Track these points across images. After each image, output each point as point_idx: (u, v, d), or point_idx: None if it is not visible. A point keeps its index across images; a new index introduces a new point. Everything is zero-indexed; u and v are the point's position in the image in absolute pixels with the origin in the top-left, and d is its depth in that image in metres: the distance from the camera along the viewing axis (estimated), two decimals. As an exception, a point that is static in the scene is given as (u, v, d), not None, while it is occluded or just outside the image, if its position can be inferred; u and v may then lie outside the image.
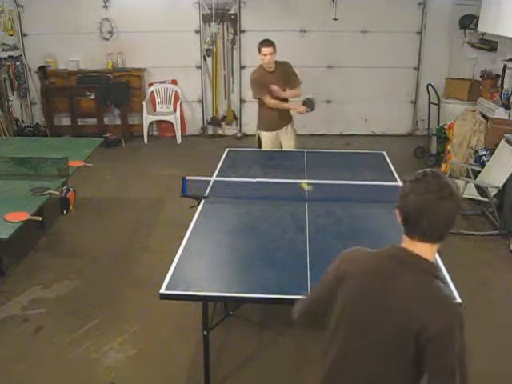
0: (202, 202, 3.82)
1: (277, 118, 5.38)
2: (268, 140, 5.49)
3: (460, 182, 5.30)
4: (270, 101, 5.26)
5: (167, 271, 2.87)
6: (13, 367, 3.37)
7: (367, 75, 8.12)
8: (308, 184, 3.99)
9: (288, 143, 5.55)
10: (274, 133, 5.46)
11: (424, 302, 1.52)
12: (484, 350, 3.55)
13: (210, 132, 8.57)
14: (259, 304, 3.75)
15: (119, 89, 7.98)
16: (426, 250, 1.60)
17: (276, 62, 5.24)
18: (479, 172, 5.54)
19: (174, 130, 8.17)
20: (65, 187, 5.28)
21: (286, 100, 5.36)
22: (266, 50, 5.10)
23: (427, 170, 1.58)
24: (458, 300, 2.59)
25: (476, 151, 6.24)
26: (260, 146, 5.64)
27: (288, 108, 5.41)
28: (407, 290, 1.55)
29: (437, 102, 7.23)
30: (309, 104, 5.36)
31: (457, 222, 1.56)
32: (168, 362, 3.43)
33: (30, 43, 8.00)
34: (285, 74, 5.28)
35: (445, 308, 1.54)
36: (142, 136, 8.14)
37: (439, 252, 3.02)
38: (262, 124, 5.49)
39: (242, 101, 8.33)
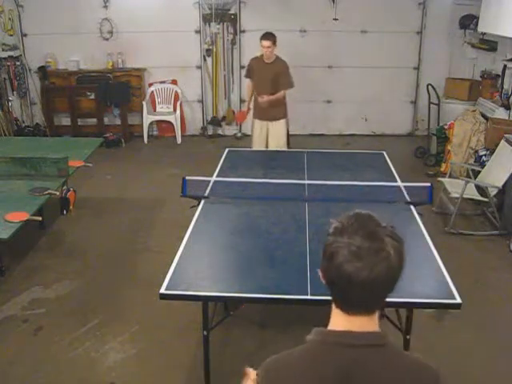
0: (202, 201, 3.82)
1: (265, 109, 5.58)
2: (256, 127, 5.76)
3: (460, 182, 5.31)
4: (248, 86, 5.78)
5: (167, 271, 2.87)
6: (13, 367, 3.37)
7: (367, 75, 8.12)
8: None
9: (276, 141, 5.71)
10: (264, 122, 5.70)
11: (405, 380, 1.24)
12: (483, 350, 3.55)
13: (210, 132, 8.57)
14: (259, 304, 3.75)
15: (119, 89, 7.98)
16: (369, 322, 1.24)
17: (277, 58, 5.47)
18: (479, 172, 5.54)
19: (174, 129, 8.17)
20: (65, 187, 5.28)
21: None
22: (264, 42, 5.35)
23: (359, 214, 1.25)
24: (458, 300, 2.59)
25: (476, 151, 6.24)
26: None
27: (246, 96, 5.84)
28: (380, 379, 1.21)
29: (437, 102, 7.23)
30: None
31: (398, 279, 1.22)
32: (168, 362, 3.43)
33: (30, 43, 8.00)
34: (277, 73, 5.46)
35: (426, 376, 1.28)
36: (142, 136, 8.14)
37: (439, 252, 3.04)
38: (254, 111, 5.81)
39: (242, 101, 8.32)
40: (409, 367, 1.25)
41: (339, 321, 1.25)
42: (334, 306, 1.27)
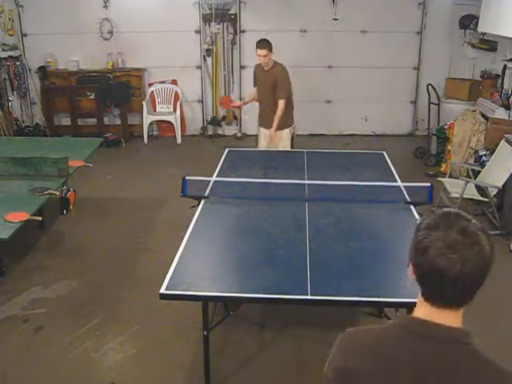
0: (202, 201, 3.82)
1: (264, 115, 5.53)
2: (262, 135, 5.65)
3: (460, 182, 5.31)
4: (253, 93, 5.65)
5: (167, 271, 2.87)
6: (13, 367, 3.37)
7: (367, 75, 8.12)
8: None
9: (281, 146, 5.57)
10: (268, 130, 5.53)
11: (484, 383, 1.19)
12: (483, 350, 3.55)
13: (210, 132, 8.57)
14: (259, 304, 3.75)
15: (119, 89, 7.98)
16: (455, 318, 1.25)
17: (274, 64, 5.34)
18: (479, 172, 5.54)
19: (174, 129, 8.17)
20: (65, 187, 5.27)
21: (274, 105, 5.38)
22: (260, 51, 5.22)
23: (450, 212, 1.24)
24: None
25: (476, 151, 6.24)
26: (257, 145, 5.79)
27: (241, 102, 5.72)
28: (457, 376, 1.19)
29: (437, 102, 7.23)
30: None
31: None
32: (168, 362, 3.43)
33: (30, 43, 7.99)
34: (274, 81, 5.32)
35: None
36: (142, 136, 8.14)
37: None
38: (259, 119, 5.72)
39: (241, 101, 8.32)
40: (491, 372, 1.22)
41: (425, 312, 1.24)
42: (421, 299, 1.26)
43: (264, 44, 5.20)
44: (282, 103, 5.31)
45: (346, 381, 1.27)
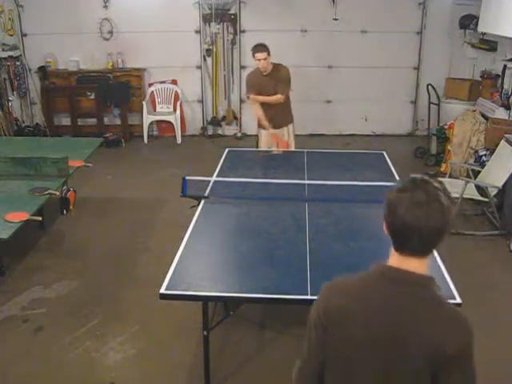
0: (202, 201, 3.82)
1: (275, 118, 5.37)
2: (266, 139, 5.48)
3: (460, 182, 5.31)
4: (254, 103, 5.35)
5: (167, 271, 2.87)
6: (13, 367, 3.37)
7: (367, 75, 8.12)
8: None
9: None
10: (279, 130, 5.43)
11: (438, 323, 1.41)
12: (483, 350, 3.55)
13: (210, 132, 8.57)
14: (259, 304, 3.75)
15: (119, 89, 7.98)
16: (420, 265, 1.46)
17: (273, 66, 5.19)
18: (479, 172, 5.54)
19: (174, 129, 8.17)
20: (65, 187, 5.27)
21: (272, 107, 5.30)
22: (258, 55, 5.06)
23: (416, 177, 1.46)
24: (458, 300, 2.59)
25: (476, 151, 6.24)
26: (257, 145, 5.66)
27: (258, 116, 5.39)
28: (416, 314, 1.42)
29: (437, 102, 7.24)
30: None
31: (452, 226, 1.45)
32: (168, 362, 3.43)
33: (30, 43, 7.99)
34: (277, 80, 5.19)
35: (460, 326, 1.43)
36: (142, 136, 8.14)
37: (439, 251, 3.04)
38: (259, 121, 5.47)
39: (242, 101, 8.32)
40: (446, 313, 1.45)
41: (396, 260, 1.49)
42: (393, 250, 1.51)
43: (262, 48, 5.06)
44: (278, 97, 5.19)
45: (328, 318, 1.49)
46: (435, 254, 3.04)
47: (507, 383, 3.32)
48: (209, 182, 4.12)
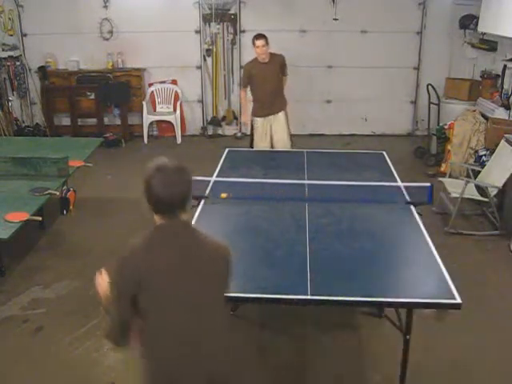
0: (202, 201, 3.82)
1: (268, 104, 5.70)
2: (260, 125, 5.78)
3: (460, 182, 5.31)
4: (242, 93, 5.90)
5: (167, 271, 2.86)
6: (13, 367, 3.37)
7: (367, 75, 8.12)
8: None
9: (280, 133, 5.74)
10: (267, 118, 5.74)
11: (214, 247, 1.98)
12: (483, 350, 3.55)
13: (210, 132, 8.57)
14: (259, 304, 3.75)
15: (119, 89, 7.98)
16: (178, 219, 1.93)
17: (271, 55, 5.60)
18: (479, 172, 5.54)
19: (174, 129, 8.17)
20: (65, 187, 5.27)
21: (279, 95, 5.76)
22: (258, 42, 5.48)
23: (164, 161, 1.90)
24: (458, 300, 2.58)
25: (476, 151, 6.24)
26: (252, 134, 5.94)
27: (243, 112, 6.01)
28: (198, 248, 1.94)
29: (437, 102, 7.23)
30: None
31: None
32: (168, 361, 3.42)
33: (30, 43, 8.00)
34: (280, 65, 5.68)
35: (223, 245, 2.02)
36: (142, 136, 8.14)
37: (439, 252, 3.05)
38: (255, 109, 5.82)
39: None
40: (212, 244, 1.99)
41: (162, 221, 1.93)
42: (155, 215, 1.94)
43: (261, 36, 5.50)
44: (287, 78, 5.78)
45: (138, 277, 1.84)
46: (435, 254, 3.05)
47: (507, 383, 3.32)
48: (209, 181, 4.11)
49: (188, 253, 1.90)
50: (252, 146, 5.92)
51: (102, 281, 2.20)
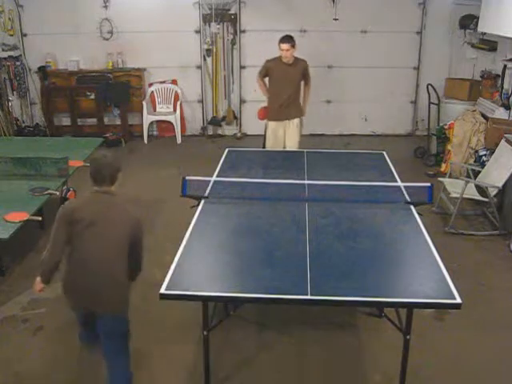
0: (202, 201, 3.82)
1: (284, 107, 5.64)
2: (272, 130, 5.73)
3: (460, 182, 5.31)
4: (259, 81, 5.75)
5: (167, 271, 2.87)
6: (13, 367, 3.37)
7: (367, 75, 8.12)
8: None
9: (292, 139, 5.71)
10: (282, 123, 5.70)
11: (124, 212, 2.83)
12: (483, 350, 3.55)
13: (210, 132, 8.57)
14: (259, 304, 3.75)
15: (119, 89, 7.98)
16: (108, 188, 2.81)
17: (295, 58, 5.58)
18: (479, 172, 5.54)
19: (174, 129, 8.17)
20: (65, 187, 5.28)
21: (295, 97, 5.71)
22: (283, 45, 5.48)
23: (103, 153, 2.89)
24: (458, 300, 2.59)
25: (476, 151, 6.24)
26: (265, 137, 5.88)
27: (264, 93, 5.82)
28: (116, 208, 2.83)
29: (437, 102, 7.24)
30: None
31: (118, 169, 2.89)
32: (168, 362, 3.43)
33: (30, 43, 8.00)
34: (303, 70, 5.65)
35: (133, 213, 2.85)
36: (142, 136, 8.15)
37: (439, 252, 3.05)
38: (271, 113, 5.75)
39: (242, 101, 8.33)
40: (124, 209, 2.85)
41: (97, 188, 2.81)
42: (94, 186, 2.82)
43: (288, 39, 5.49)
44: (311, 87, 5.79)
45: (72, 222, 2.72)
46: (435, 254, 3.06)
47: (507, 383, 3.32)
48: (209, 181, 4.11)
49: (103, 210, 2.78)
50: (264, 147, 5.90)
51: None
